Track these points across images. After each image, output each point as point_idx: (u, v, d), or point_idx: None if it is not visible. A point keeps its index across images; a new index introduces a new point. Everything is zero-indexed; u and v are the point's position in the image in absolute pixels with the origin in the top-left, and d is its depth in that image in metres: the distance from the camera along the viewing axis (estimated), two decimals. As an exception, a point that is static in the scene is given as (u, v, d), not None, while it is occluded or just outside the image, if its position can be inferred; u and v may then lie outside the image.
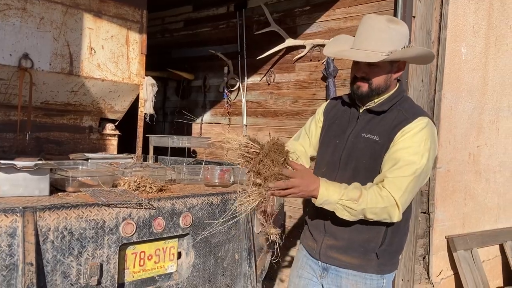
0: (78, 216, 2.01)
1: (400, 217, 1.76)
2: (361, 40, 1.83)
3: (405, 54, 1.80)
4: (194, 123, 6.06)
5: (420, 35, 3.71)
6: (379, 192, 1.73)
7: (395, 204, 1.73)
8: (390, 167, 1.77)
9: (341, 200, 1.72)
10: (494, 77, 4.69)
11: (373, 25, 1.81)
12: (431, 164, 1.83)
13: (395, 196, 1.72)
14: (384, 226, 1.86)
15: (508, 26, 4.82)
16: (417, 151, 1.76)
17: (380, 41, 1.78)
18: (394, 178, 1.73)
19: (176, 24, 6.39)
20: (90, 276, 2.03)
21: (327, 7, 4.55)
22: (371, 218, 1.75)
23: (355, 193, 1.72)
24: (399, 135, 1.80)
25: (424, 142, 1.78)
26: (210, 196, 2.61)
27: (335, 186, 1.75)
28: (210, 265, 2.62)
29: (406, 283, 3.73)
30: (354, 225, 1.84)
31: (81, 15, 3.46)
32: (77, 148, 3.76)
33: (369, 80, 1.85)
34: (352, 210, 1.72)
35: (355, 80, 1.89)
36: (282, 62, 4.98)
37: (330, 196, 1.73)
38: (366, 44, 1.80)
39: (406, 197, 1.76)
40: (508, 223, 5.14)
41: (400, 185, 1.73)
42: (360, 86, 1.87)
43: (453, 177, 4.28)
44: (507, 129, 4.99)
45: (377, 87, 1.86)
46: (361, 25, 1.86)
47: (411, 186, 1.75)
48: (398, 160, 1.76)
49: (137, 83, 3.87)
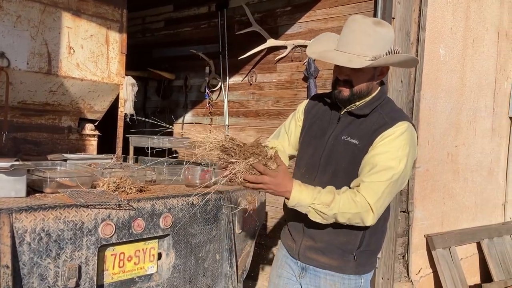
0: (56, 217, 1.98)
1: (374, 222, 1.76)
2: (345, 42, 1.79)
3: (389, 60, 1.77)
4: (176, 123, 6.03)
5: (400, 36, 3.76)
6: (353, 197, 1.72)
7: (370, 209, 1.72)
8: (368, 171, 1.76)
9: (313, 204, 1.72)
10: (471, 78, 4.78)
11: (358, 28, 1.77)
12: (410, 169, 1.83)
13: (370, 201, 1.71)
14: (362, 228, 1.85)
15: (484, 28, 4.91)
16: (395, 156, 1.75)
17: (365, 45, 1.75)
18: (371, 182, 1.73)
19: (157, 23, 6.34)
20: (68, 278, 2.01)
21: (308, 8, 4.57)
22: (344, 222, 1.75)
23: (328, 197, 1.72)
24: (378, 139, 1.79)
25: (403, 147, 1.77)
26: (191, 197, 2.60)
27: (308, 190, 1.75)
28: (191, 266, 2.61)
29: (386, 282, 3.77)
30: (332, 227, 1.85)
31: (59, 14, 3.41)
32: (56, 148, 3.70)
33: (351, 83, 1.83)
34: (324, 214, 1.73)
35: (337, 83, 1.87)
36: (264, 63, 4.98)
37: (302, 200, 1.73)
38: (350, 48, 1.77)
39: (382, 202, 1.75)
40: (485, 221, 5.24)
41: (376, 190, 1.73)
42: (342, 91, 1.85)
43: (432, 176, 4.35)
44: (484, 129, 5.09)
45: (359, 91, 1.85)
46: (346, 27, 1.82)
47: (387, 191, 1.75)
48: (376, 164, 1.75)
49: (117, 82, 3.84)
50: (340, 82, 1.86)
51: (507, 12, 5.33)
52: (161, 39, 6.25)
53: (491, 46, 5.07)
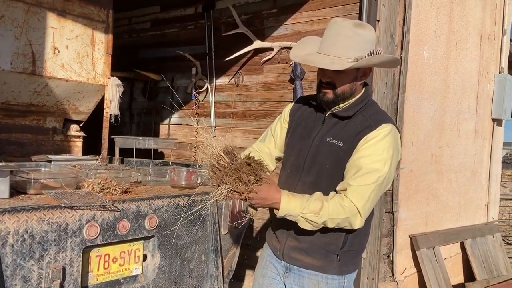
0: (40, 218, 1.97)
1: (362, 224, 1.79)
2: (327, 45, 1.82)
3: (370, 61, 1.79)
4: (162, 124, 6.01)
5: (384, 38, 3.80)
6: (341, 202, 1.74)
7: (357, 213, 1.75)
8: (353, 174, 1.78)
9: (302, 213, 1.74)
10: (455, 80, 4.85)
11: (339, 31, 1.79)
12: (394, 171, 1.86)
13: (357, 205, 1.74)
14: (345, 229, 1.87)
15: (467, 31, 4.99)
16: (379, 158, 1.78)
17: (346, 47, 1.77)
18: (357, 186, 1.75)
19: (144, 24, 6.31)
20: (52, 280, 1.99)
21: (294, 10, 4.60)
22: (333, 227, 1.79)
23: (316, 205, 1.74)
24: (362, 142, 1.82)
25: (387, 150, 1.80)
26: (176, 198, 2.60)
27: (296, 199, 1.76)
28: (176, 267, 2.61)
29: (371, 282, 3.81)
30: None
31: (44, 14, 3.39)
32: (40, 150, 3.67)
33: (334, 85, 1.85)
34: (314, 222, 1.75)
35: (321, 85, 1.89)
36: (250, 64, 4.99)
37: (291, 210, 1.75)
38: (332, 50, 1.79)
39: (368, 205, 1.79)
40: (469, 221, 5.32)
41: (363, 193, 1.75)
42: (326, 93, 1.87)
43: (416, 177, 4.40)
44: (468, 130, 5.17)
45: (342, 93, 1.87)
46: (328, 29, 1.84)
47: (373, 194, 1.78)
48: (361, 167, 1.77)
49: (103, 83, 3.82)
50: (323, 84, 1.88)
51: (489, 15, 5.43)
52: (148, 40, 6.23)
53: (474, 48, 5.15)
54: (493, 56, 5.61)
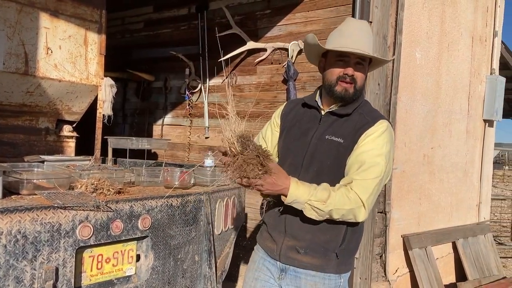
0: (33, 219, 1.96)
1: (365, 217, 1.83)
2: (353, 40, 1.88)
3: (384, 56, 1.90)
4: (155, 125, 6.00)
5: (377, 40, 3.82)
6: (347, 194, 1.78)
7: (362, 205, 1.78)
8: (356, 169, 1.82)
9: (309, 200, 1.76)
10: (447, 81, 4.88)
11: (362, 27, 1.92)
12: (391, 167, 1.92)
13: (362, 198, 1.77)
14: (344, 226, 1.91)
15: (459, 33, 5.03)
16: (380, 153, 1.84)
17: (368, 42, 1.91)
18: (362, 180, 1.80)
19: (137, 24, 6.30)
20: (45, 280, 1.99)
21: (287, 11, 4.61)
22: (337, 218, 1.80)
23: (324, 194, 1.76)
24: (362, 137, 1.87)
25: (385, 145, 1.86)
26: (170, 198, 2.60)
27: (304, 186, 1.78)
28: (170, 267, 2.61)
29: (364, 282, 3.83)
30: (315, 225, 1.88)
31: (36, 14, 3.38)
32: (33, 150, 3.66)
33: (355, 80, 1.91)
34: (320, 210, 1.76)
35: (341, 81, 1.92)
36: (244, 65, 5.00)
37: (300, 196, 1.76)
38: (360, 44, 1.87)
39: (372, 198, 1.82)
40: (460, 221, 5.35)
41: (367, 187, 1.79)
42: (347, 88, 1.91)
43: (409, 177, 4.42)
44: (459, 131, 5.21)
45: (360, 88, 1.94)
46: (348, 27, 1.93)
47: (376, 188, 1.83)
48: (364, 162, 1.82)
49: (96, 84, 3.81)
50: (344, 80, 1.91)
51: (481, 17, 5.48)
52: (141, 40, 6.22)
53: (465, 50, 5.19)
54: (485, 57, 5.66)
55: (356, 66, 1.90)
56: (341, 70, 1.92)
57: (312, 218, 1.81)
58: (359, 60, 1.90)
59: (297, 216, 1.90)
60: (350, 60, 1.90)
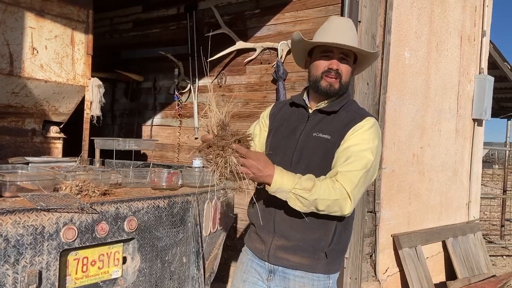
0: (15, 222, 1.93)
1: (351, 210, 1.81)
2: (336, 35, 1.90)
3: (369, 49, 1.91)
4: (144, 126, 5.96)
5: (366, 39, 3.82)
6: (332, 184, 1.76)
7: (347, 197, 1.77)
8: (342, 162, 1.82)
9: (294, 189, 1.73)
10: (436, 81, 4.90)
11: (344, 24, 1.95)
12: (378, 162, 1.92)
13: (347, 189, 1.76)
14: (333, 224, 1.90)
15: (448, 32, 5.05)
16: (367, 147, 1.84)
17: (352, 37, 1.92)
18: (347, 172, 1.79)
19: (125, 24, 6.26)
20: (28, 284, 1.95)
21: (276, 11, 4.60)
22: (323, 209, 1.77)
23: (309, 183, 1.74)
24: (350, 132, 1.88)
25: (373, 140, 1.87)
26: (157, 200, 2.57)
27: (289, 175, 1.76)
28: (157, 269, 2.58)
29: (354, 281, 3.82)
30: (305, 224, 1.87)
31: (21, 14, 3.33)
32: (19, 152, 3.61)
33: (341, 75, 1.93)
34: (305, 199, 1.73)
35: (326, 76, 1.93)
36: (233, 65, 4.98)
37: (284, 185, 1.73)
38: (343, 39, 1.89)
39: (357, 190, 1.81)
40: (450, 220, 5.37)
41: (352, 178, 1.78)
42: (332, 83, 1.93)
43: (398, 177, 4.43)
44: (448, 130, 5.22)
45: (346, 83, 1.96)
46: (331, 24, 1.96)
47: (362, 180, 1.81)
48: (350, 155, 1.82)
49: (83, 84, 3.77)
50: (329, 75, 1.92)
51: (469, 17, 5.50)
52: (130, 41, 6.17)
53: (454, 49, 5.21)
54: (473, 57, 5.68)
55: (340, 61, 1.92)
56: (326, 65, 1.93)
57: (297, 210, 1.77)
58: (342, 55, 1.93)
59: (286, 215, 1.90)
60: (334, 56, 1.92)
